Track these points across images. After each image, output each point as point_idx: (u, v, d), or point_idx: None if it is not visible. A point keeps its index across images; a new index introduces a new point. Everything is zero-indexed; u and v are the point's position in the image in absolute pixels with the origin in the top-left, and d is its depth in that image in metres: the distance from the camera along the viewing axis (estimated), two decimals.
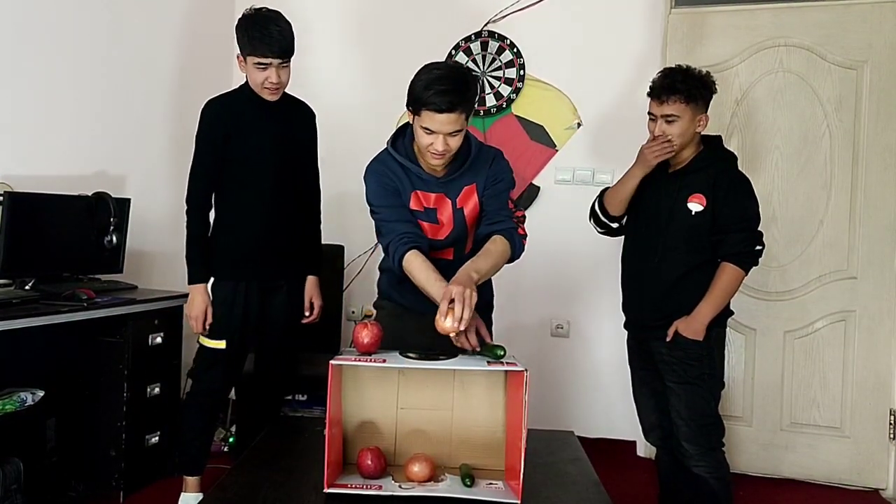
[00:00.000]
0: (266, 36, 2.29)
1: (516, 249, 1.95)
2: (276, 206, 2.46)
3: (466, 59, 3.51)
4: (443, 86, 1.77)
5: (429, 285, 1.81)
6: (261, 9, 2.37)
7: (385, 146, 2.02)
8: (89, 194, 2.74)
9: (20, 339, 2.31)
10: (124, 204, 2.88)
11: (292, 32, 2.36)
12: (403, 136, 2.00)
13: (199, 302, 2.39)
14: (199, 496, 2.48)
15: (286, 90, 2.46)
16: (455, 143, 1.85)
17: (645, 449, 3.31)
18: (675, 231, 2.23)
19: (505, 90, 3.48)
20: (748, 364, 3.19)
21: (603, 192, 2.46)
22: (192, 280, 2.41)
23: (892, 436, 3.03)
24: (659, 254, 2.26)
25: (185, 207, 2.42)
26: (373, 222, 2.09)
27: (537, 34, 3.46)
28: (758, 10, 3.15)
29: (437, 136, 1.81)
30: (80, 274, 2.77)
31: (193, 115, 2.47)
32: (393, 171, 1.98)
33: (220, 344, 2.43)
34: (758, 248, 2.21)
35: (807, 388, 3.13)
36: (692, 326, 2.20)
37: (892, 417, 3.02)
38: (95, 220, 2.73)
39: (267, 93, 2.37)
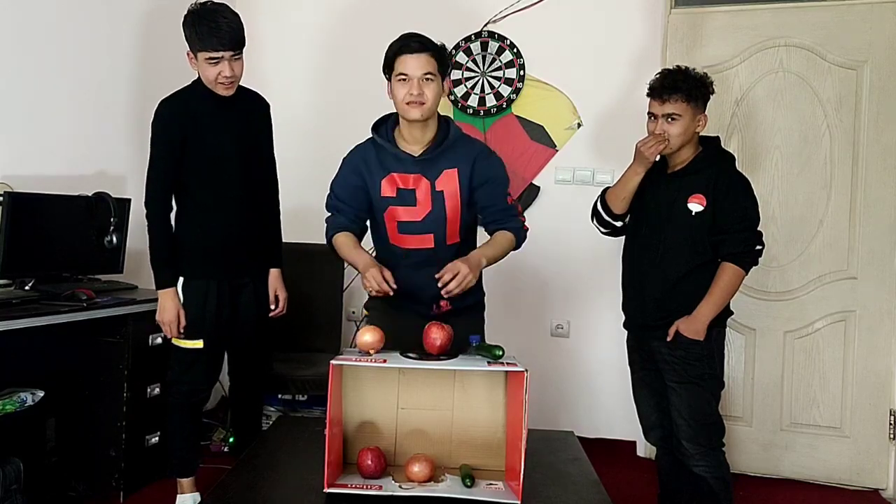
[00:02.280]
0: (215, 29, 2.22)
1: (520, 241, 2.17)
2: (240, 202, 2.43)
3: (466, 59, 3.51)
4: (412, 35, 2.04)
5: (350, 254, 2.06)
6: (206, 2, 2.30)
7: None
8: (89, 194, 2.74)
9: (20, 339, 2.31)
10: (124, 204, 2.88)
11: (241, 23, 2.30)
12: (386, 122, 2.14)
13: (170, 307, 2.36)
14: (196, 496, 2.48)
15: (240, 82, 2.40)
16: (430, 92, 2.00)
17: (645, 449, 3.31)
18: (676, 231, 2.24)
19: (505, 90, 3.48)
20: (748, 364, 3.19)
21: (604, 191, 2.46)
22: (161, 285, 2.37)
23: (892, 436, 3.03)
24: (660, 254, 2.26)
25: (145, 212, 2.37)
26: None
27: (537, 34, 3.46)
28: (758, 10, 3.15)
29: (412, 80, 1.98)
30: (80, 274, 2.77)
31: None
32: (367, 160, 2.11)
33: (198, 343, 2.39)
34: (758, 247, 2.22)
35: (807, 387, 3.13)
36: (693, 326, 2.20)
37: (892, 417, 3.02)
38: (95, 220, 2.73)
39: (221, 88, 2.32)
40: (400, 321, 2.05)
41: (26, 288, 2.51)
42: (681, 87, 2.20)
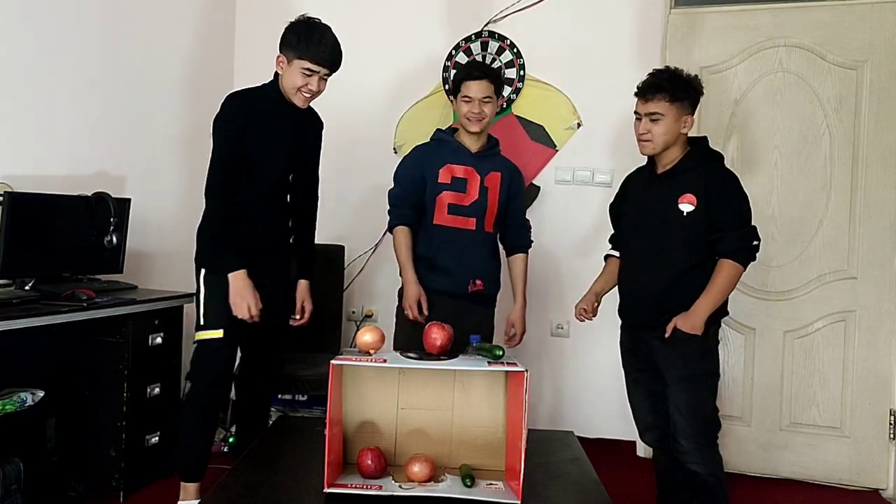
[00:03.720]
0: (325, 44, 2.32)
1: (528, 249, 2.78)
2: (273, 208, 2.47)
3: (466, 59, 3.51)
4: (474, 64, 2.71)
5: (403, 261, 2.53)
6: (315, 18, 2.39)
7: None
8: (89, 194, 2.74)
9: (20, 339, 2.30)
10: (124, 204, 2.88)
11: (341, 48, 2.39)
12: (447, 129, 2.68)
13: (247, 289, 2.32)
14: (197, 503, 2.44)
15: None
16: (489, 110, 2.50)
17: (644, 449, 3.31)
18: (669, 232, 2.24)
19: (505, 90, 3.48)
20: (748, 364, 3.19)
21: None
22: (231, 267, 2.32)
23: (892, 436, 3.03)
24: (655, 255, 2.26)
25: (206, 198, 2.35)
26: (372, 222, 2.21)
27: (537, 34, 3.46)
28: (758, 10, 3.15)
29: (474, 101, 2.47)
30: (80, 274, 2.77)
31: (193, 115, 2.47)
32: (428, 154, 2.59)
33: (218, 333, 2.37)
34: (755, 242, 2.21)
35: (806, 387, 3.13)
36: (691, 322, 2.18)
37: (892, 417, 3.03)
38: (95, 220, 2.73)
39: (300, 98, 2.37)
40: (435, 304, 2.51)
41: (26, 288, 2.51)
42: (665, 86, 2.19)
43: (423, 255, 2.56)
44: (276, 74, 2.40)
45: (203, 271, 2.40)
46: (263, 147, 2.40)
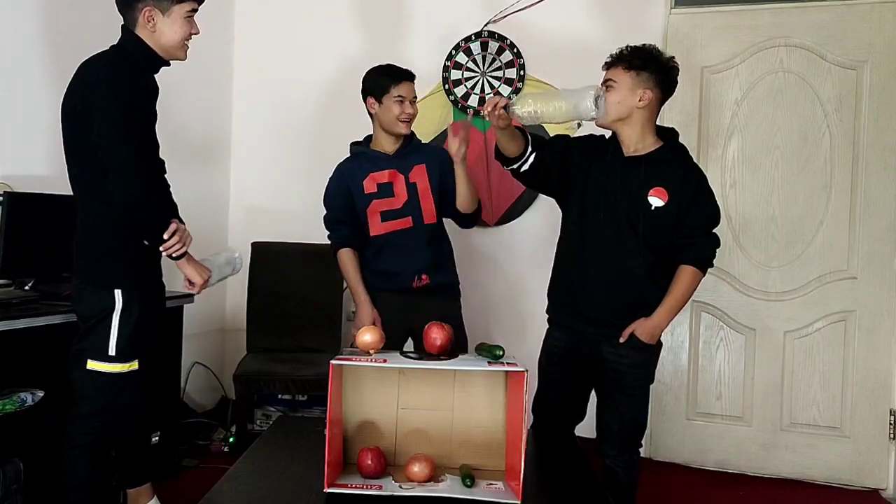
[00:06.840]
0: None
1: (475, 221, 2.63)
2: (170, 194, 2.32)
3: (466, 59, 3.51)
4: (394, 67, 2.51)
5: (353, 283, 2.51)
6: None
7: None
8: None
9: (20, 339, 2.31)
10: None
11: None
12: (364, 138, 2.60)
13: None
14: None
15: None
16: (415, 110, 2.49)
17: (647, 449, 3.31)
18: (632, 225, 2.05)
19: (505, 90, 3.48)
20: (748, 364, 3.19)
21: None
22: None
23: (892, 436, 3.03)
24: (613, 249, 2.07)
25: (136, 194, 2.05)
26: None
27: (537, 34, 3.46)
28: (758, 10, 3.15)
29: (406, 102, 2.44)
30: None
31: (193, 114, 2.46)
32: (350, 170, 2.52)
33: (133, 365, 2.11)
34: (717, 249, 2.12)
35: (806, 387, 3.13)
36: (651, 331, 2.06)
37: (892, 417, 3.03)
38: None
39: (184, 51, 2.23)
40: (381, 302, 2.50)
41: (26, 288, 2.51)
42: (623, 56, 2.06)
43: (368, 264, 2.55)
44: (133, 36, 2.13)
45: (119, 292, 2.08)
46: (151, 133, 2.18)
